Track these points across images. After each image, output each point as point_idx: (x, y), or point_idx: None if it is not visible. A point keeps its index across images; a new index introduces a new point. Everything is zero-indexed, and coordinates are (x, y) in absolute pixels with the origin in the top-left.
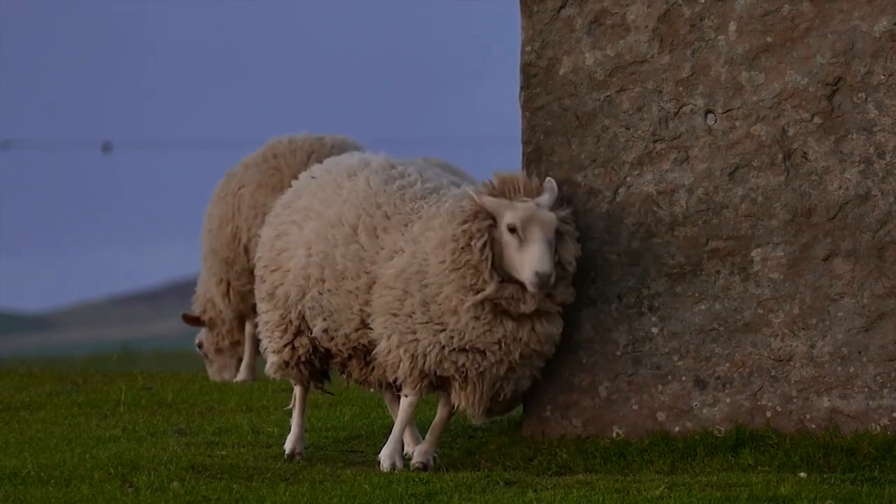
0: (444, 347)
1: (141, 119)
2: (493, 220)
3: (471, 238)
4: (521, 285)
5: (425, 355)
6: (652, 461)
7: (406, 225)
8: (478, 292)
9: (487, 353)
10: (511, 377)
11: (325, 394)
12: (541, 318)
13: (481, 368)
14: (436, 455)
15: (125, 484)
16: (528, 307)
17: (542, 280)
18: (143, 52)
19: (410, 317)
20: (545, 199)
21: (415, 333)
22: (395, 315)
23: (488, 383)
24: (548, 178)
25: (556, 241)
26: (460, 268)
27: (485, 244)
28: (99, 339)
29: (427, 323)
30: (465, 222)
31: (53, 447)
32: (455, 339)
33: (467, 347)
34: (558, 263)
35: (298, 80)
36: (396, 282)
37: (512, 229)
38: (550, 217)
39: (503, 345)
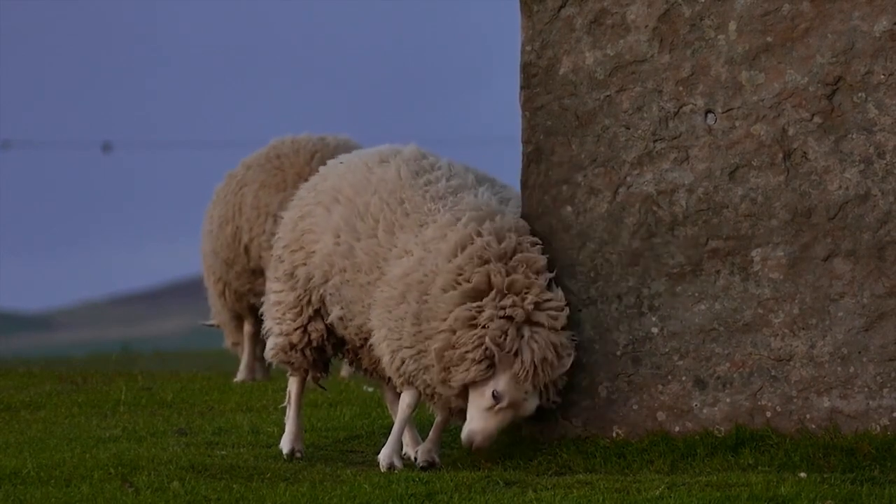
0: (420, 368)
1: (142, 119)
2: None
3: (472, 339)
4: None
5: (403, 361)
6: (652, 461)
7: (421, 226)
8: (446, 377)
9: (453, 398)
10: None
11: (320, 388)
12: None
13: (444, 403)
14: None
15: (125, 484)
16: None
17: (469, 447)
18: (144, 51)
19: (401, 321)
20: (543, 398)
21: (400, 338)
22: (389, 312)
23: (447, 409)
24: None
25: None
26: (451, 348)
27: (479, 361)
28: (99, 339)
29: (415, 335)
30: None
31: (53, 447)
32: (430, 371)
33: None
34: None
35: (299, 80)
36: (398, 282)
37: (496, 396)
38: (530, 411)
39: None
